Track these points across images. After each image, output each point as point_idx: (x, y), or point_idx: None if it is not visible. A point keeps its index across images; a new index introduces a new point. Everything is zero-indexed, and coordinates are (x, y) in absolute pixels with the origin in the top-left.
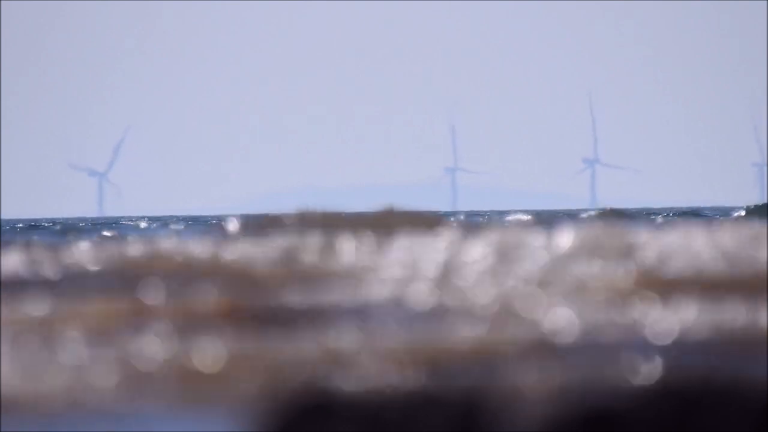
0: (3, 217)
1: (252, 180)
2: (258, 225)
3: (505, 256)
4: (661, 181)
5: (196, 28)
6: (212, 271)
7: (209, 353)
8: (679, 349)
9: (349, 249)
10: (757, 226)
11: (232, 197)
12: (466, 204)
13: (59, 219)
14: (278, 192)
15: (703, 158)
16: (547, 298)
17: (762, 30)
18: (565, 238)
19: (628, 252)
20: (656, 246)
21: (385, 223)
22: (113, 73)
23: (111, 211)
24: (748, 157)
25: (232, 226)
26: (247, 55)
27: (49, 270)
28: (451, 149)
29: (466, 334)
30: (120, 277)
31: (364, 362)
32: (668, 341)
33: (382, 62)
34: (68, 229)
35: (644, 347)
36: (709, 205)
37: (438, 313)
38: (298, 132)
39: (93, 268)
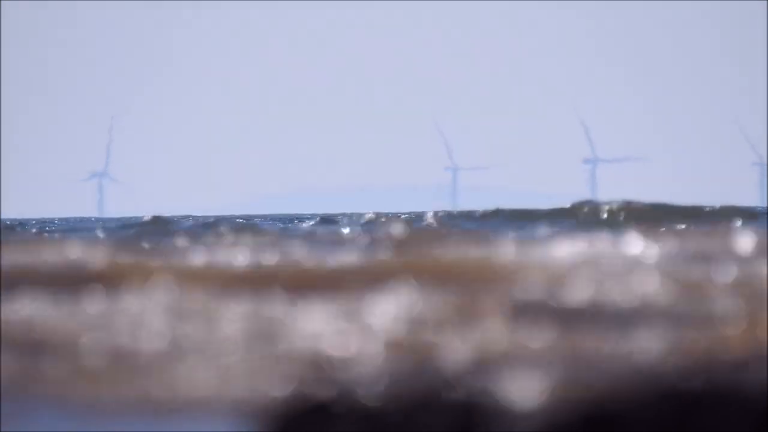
0: (3, 217)
1: (252, 181)
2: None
3: None
4: (660, 180)
5: (195, 27)
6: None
7: None
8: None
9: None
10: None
11: (231, 198)
12: (467, 205)
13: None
14: (278, 193)
15: (704, 157)
16: None
17: (762, 29)
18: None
19: None
20: None
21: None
22: (116, 73)
23: (114, 210)
24: (748, 156)
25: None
26: (246, 56)
27: None
28: (453, 150)
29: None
30: None
31: None
32: None
33: (382, 62)
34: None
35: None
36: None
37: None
38: (298, 133)
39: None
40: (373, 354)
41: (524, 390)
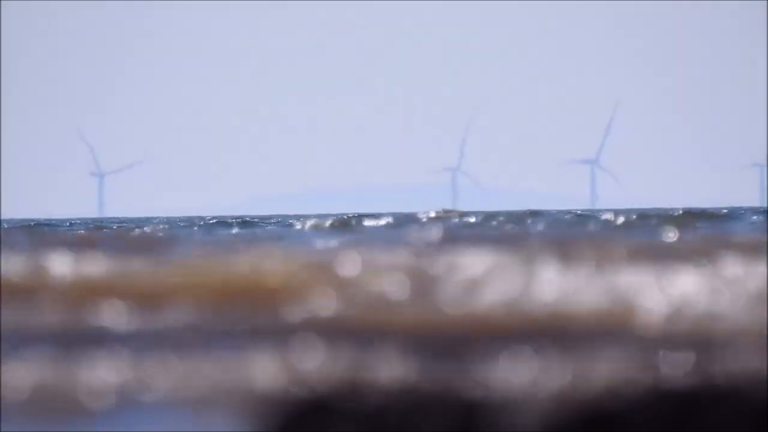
0: (3, 216)
1: (250, 181)
2: None
3: None
4: (661, 180)
5: (197, 27)
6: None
7: None
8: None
9: None
10: None
11: (232, 199)
12: (467, 204)
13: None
14: (279, 193)
15: (704, 158)
16: None
17: (762, 30)
18: None
19: None
20: None
21: None
22: (116, 72)
23: (111, 211)
24: (749, 157)
25: None
26: (249, 55)
27: None
28: (456, 149)
29: None
30: None
31: None
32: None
33: (381, 62)
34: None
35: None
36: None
37: None
38: (299, 133)
39: None
40: None
41: None
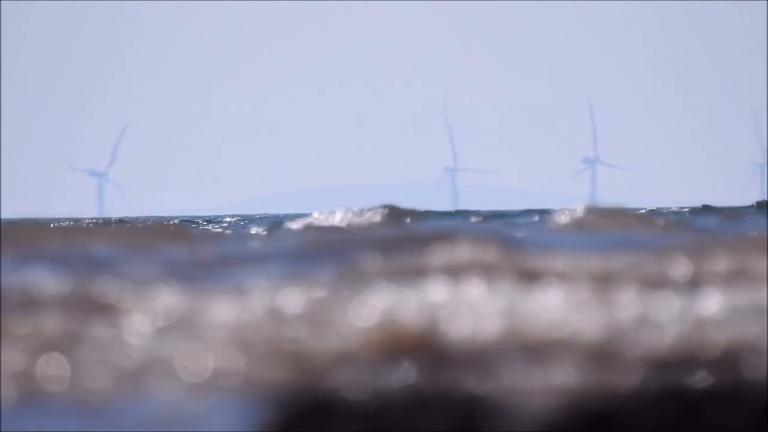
0: (3, 217)
1: (250, 181)
2: None
3: None
4: (661, 180)
5: (194, 28)
6: None
7: None
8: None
9: None
10: None
11: (232, 199)
12: (467, 204)
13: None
14: (278, 193)
15: (703, 158)
16: None
17: (762, 30)
18: None
19: None
20: None
21: None
22: (113, 73)
23: (111, 211)
24: (749, 156)
25: None
26: (245, 55)
27: None
28: (451, 149)
29: None
30: None
31: None
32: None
33: (381, 61)
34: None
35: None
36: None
37: None
38: (298, 132)
39: None
40: None
41: None
